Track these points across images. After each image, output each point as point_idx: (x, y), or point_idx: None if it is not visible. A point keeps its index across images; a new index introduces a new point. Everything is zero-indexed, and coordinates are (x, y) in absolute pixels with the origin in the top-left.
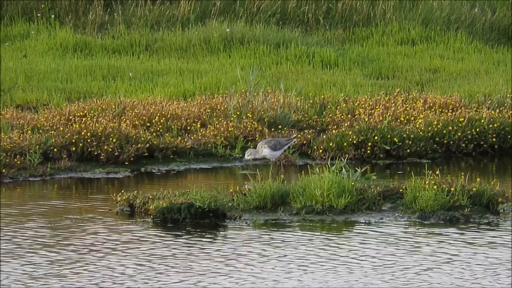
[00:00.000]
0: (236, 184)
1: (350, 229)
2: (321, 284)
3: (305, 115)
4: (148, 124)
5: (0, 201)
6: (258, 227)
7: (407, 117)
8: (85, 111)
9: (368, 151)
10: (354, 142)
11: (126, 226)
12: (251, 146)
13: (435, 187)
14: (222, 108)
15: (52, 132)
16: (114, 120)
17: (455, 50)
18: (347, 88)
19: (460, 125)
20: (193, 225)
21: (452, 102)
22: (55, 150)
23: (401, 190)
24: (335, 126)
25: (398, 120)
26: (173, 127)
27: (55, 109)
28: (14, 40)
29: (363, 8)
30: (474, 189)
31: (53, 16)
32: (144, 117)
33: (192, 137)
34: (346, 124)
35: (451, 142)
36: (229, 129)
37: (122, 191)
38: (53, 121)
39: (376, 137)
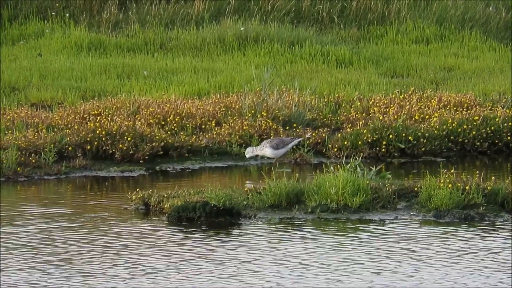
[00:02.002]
0: (251, 182)
1: (364, 228)
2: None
3: (320, 113)
4: (163, 123)
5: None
6: (273, 225)
7: (422, 115)
8: (99, 110)
9: (383, 150)
10: (369, 140)
11: (141, 225)
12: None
13: (450, 185)
14: (236, 106)
15: (67, 130)
16: (129, 119)
17: (469, 48)
18: (362, 87)
19: (475, 123)
20: (208, 224)
21: (467, 101)
22: (70, 148)
23: (416, 189)
24: (350, 125)
25: (413, 119)
26: (187, 125)
27: (70, 107)
28: (28, 38)
29: (377, 6)
30: (489, 187)
31: (67, 14)
32: (158, 116)
33: (207, 136)
34: (360, 123)
35: (466, 141)
36: (244, 127)
37: (137, 189)
38: (68, 120)
39: (390, 136)
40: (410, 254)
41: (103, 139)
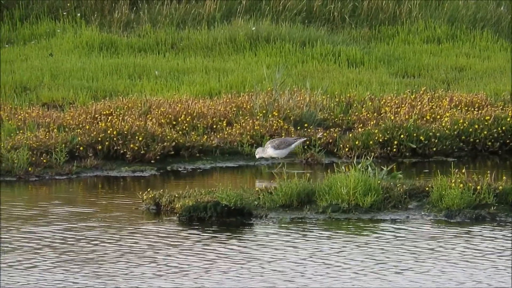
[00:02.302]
0: (262, 182)
1: (376, 228)
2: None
3: (331, 113)
4: (174, 123)
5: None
6: (284, 225)
7: (433, 115)
8: (111, 110)
9: (394, 150)
10: (380, 140)
11: (152, 225)
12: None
13: (461, 185)
14: (248, 106)
15: (78, 130)
16: (140, 119)
17: (481, 48)
18: (373, 87)
19: (486, 123)
20: (219, 224)
21: (478, 101)
22: (81, 148)
23: (427, 189)
24: (361, 125)
25: (424, 119)
26: (199, 125)
27: (81, 107)
28: (40, 38)
29: (389, 6)
30: (500, 187)
31: (78, 14)
32: (170, 116)
33: (218, 136)
34: (372, 123)
35: (477, 141)
36: (255, 127)
37: (148, 189)
38: (79, 120)
39: (402, 136)
40: (435, 254)
41: (114, 139)
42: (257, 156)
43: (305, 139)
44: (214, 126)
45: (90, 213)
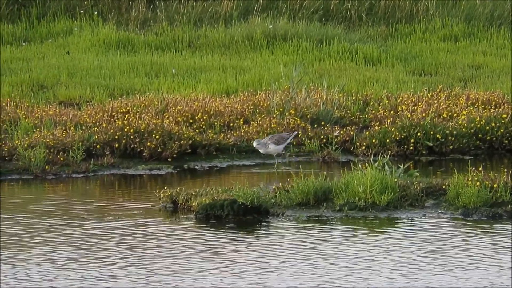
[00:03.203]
0: (279, 180)
1: (393, 226)
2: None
3: (348, 111)
4: (191, 121)
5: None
6: (301, 223)
7: (450, 113)
8: (128, 108)
9: (411, 148)
10: (397, 138)
11: (169, 223)
12: (294, 143)
13: (478, 183)
14: (265, 104)
15: (95, 128)
16: (157, 117)
17: (498, 46)
18: (390, 85)
19: (503, 121)
20: (235, 222)
21: (495, 99)
22: (98, 146)
23: (444, 187)
24: (378, 123)
25: (441, 117)
26: (216, 123)
27: (98, 105)
28: (57, 37)
29: (405, 4)
30: None
31: (96, 12)
32: (187, 114)
33: (235, 134)
34: (388, 121)
35: (494, 139)
36: (272, 125)
37: (165, 187)
38: (96, 118)
39: (419, 134)
40: (451, 252)
41: (131, 137)
42: (257, 147)
43: (296, 133)
44: (231, 124)
45: (107, 211)
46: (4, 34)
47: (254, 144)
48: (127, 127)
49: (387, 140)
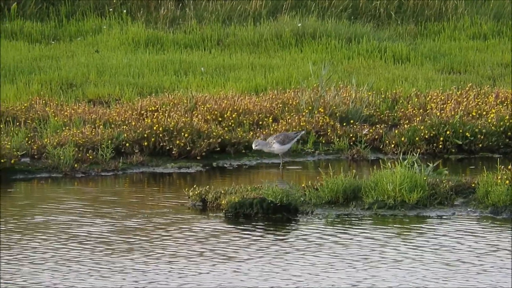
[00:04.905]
0: (308, 178)
1: (422, 224)
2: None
3: (377, 109)
4: (220, 119)
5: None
6: (330, 222)
7: (479, 111)
8: (157, 106)
9: (440, 146)
10: (426, 137)
11: (198, 221)
12: (323, 141)
13: (507, 182)
14: (294, 103)
15: (124, 127)
16: (186, 115)
17: None
18: (419, 83)
19: None
20: (265, 220)
21: None
22: (127, 145)
23: (473, 185)
24: (407, 121)
25: (470, 115)
26: (245, 121)
27: (127, 104)
28: (86, 35)
29: (434, 3)
30: None
31: (124, 11)
32: (216, 112)
33: (264, 132)
34: (418, 119)
35: None
36: (301, 123)
37: (194, 186)
38: (125, 116)
39: (448, 132)
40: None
41: (160, 135)
42: (256, 148)
43: (303, 132)
44: (260, 123)
45: (136, 210)
46: (33, 32)
47: (253, 145)
48: (156, 125)
49: (416, 138)
